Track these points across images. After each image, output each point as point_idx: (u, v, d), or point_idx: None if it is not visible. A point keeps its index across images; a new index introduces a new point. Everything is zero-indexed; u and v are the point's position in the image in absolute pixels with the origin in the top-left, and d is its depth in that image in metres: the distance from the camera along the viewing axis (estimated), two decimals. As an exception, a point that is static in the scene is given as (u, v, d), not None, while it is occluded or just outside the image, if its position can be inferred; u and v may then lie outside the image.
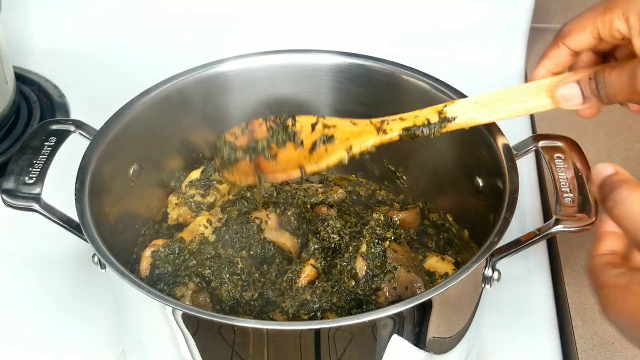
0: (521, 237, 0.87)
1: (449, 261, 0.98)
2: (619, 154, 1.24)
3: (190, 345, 0.80)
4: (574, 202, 0.86)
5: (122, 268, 0.80)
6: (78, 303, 1.07)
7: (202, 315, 0.76)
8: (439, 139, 1.00)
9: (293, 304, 0.92)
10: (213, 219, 1.02)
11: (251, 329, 0.76)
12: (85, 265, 1.05)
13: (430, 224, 1.07)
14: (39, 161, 0.91)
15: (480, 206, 0.96)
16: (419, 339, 0.83)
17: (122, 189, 0.98)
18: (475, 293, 0.89)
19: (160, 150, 1.04)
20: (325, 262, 0.96)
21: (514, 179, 0.87)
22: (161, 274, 0.95)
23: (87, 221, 0.84)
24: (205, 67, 1.03)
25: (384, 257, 0.93)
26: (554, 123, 1.28)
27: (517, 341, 1.02)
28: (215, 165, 1.06)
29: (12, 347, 1.03)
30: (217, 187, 1.05)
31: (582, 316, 1.02)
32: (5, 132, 1.30)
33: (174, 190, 1.06)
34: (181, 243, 0.98)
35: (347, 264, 0.94)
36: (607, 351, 0.98)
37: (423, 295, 0.77)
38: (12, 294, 1.09)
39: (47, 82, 1.44)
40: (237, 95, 1.06)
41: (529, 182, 1.21)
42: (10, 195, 0.88)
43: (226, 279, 0.94)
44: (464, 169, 0.99)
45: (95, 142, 0.93)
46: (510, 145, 0.92)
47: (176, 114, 1.03)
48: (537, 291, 1.07)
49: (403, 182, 1.10)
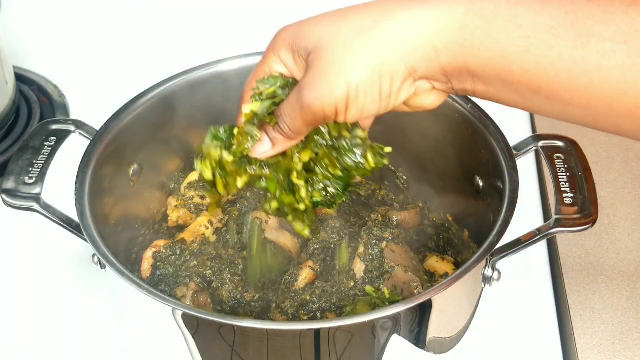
0: (521, 237, 0.87)
1: (449, 261, 0.98)
2: (619, 154, 1.24)
3: (190, 345, 0.81)
4: (573, 202, 0.86)
5: (122, 268, 0.80)
6: (78, 303, 1.07)
7: (201, 315, 0.76)
8: (439, 139, 1.00)
9: (293, 304, 0.92)
10: (214, 219, 1.02)
11: (251, 329, 0.76)
12: (85, 265, 1.04)
13: (430, 224, 1.07)
14: (39, 161, 0.91)
15: (480, 206, 0.96)
16: (419, 339, 0.83)
17: (122, 189, 0.98)
18: (475, 293, 0.89)
19: (160, 151, 1.04)
20: (324, 263, 0.96)
21: (514, 179, 0.87)
22: (162, 275, 0.95)
23: (87, 221, 0.84)
24: (205, 67, 1.03)
25: (381, 258, 0.93)
26: (554, 123, 1.28)
27: (517, 341, 1.02)
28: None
29: (12, 347, 1.03)
30: (217, 187, 1.05)
31: (582, 316, 1.02)
32: (5, 132, 1.30)
33: (173, 192, 1.06)
34: (182, 244, 0.98)
35: (345, 265, 0.94)
36: (607, 351, 0.98)
37: (423, 295, 0.77)
38: (12, 294, 1.09)
39: (47, 82, 1.43)
40: (237, 95, 1.06)
41: (529, 182, 1.21)
42: (10, 195, 0.88)
43: (227, 279, 0.94)
44: (464, 169, 0.99)
45: (95, 142, 0.93)
46: (510, 145, 0.92)
47: (176, 115, 1.03)
48: (537, 291, 1.07)
49: (403, 182, 1.10)
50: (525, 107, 0.65)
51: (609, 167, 1.22)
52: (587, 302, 1.03)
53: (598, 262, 1.08)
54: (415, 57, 0.64)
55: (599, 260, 1.08)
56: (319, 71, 0.66)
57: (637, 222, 1.13)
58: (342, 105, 0.66)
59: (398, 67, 0.64)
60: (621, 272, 1.07)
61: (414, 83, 0.66)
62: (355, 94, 0.65)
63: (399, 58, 0.64)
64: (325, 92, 0.65)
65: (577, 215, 0.85)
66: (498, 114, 0.96)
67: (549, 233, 0.85)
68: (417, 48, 0.64)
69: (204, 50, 1.20)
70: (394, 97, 0.66)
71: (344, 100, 0.65)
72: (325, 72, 0.65)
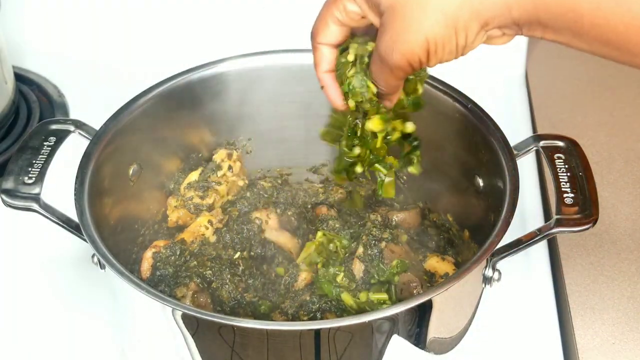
0: (522, 237, 0.87)
1: (449, 261, 0.97)
2: (619, 154, 1.24)
3: (190, 345, 0.80)
4: (574, 202, 0.86)
5: (122, 268, 0.80)
6: (78, 303, 1.07)
7: (201, 315, 0.76)
8: (439, 139, 1.00)
9: (292, 304, 0.91)
10: (214, 219, 1.02)
11: (251, 329, 0.76)
12: (85, 265, 1.04)
13: (431, 224, 1.07)
14: (38, 161, 0.91)
15: (480, 206, 0.96)
16: (419, 339, 0.83)
17: (122, 189, 0.98)
18: (476, 293, 0.89)
19: (160, 151, 1.04)
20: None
21: (514, 179, 0.87)
22: (162, 275, 0.95)
23: (87, 221, 0.84)
24: (205, 67, 1.03)
25: (380, 258, 0.93)
26: (554, 123, 1.28)
27: (518, 341, 1.02)
28: (213, 167, 1.06)
29: (12, 347, 1.02)
30: (216, 188, 1.05)
31: (582, 316, 1.01)
32: (5, 132, 1.30)
33: (173, 193, 1.06)
34: (182, 244, 0.98)
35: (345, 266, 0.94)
36: (607, 351, 0.97)
37: (423, 296, 0.77)
38: (12, 294, 1.09)
39: (46, 82, 1.43)
40: (237, 95, 1.06)
41: (529, 182, 1.21)
42: (10, 195, 0.88)
43: (227, 279, 0.94)
44: (464, 169, 0.99)
45: (94, 142, 0.93)
46: (510, 145, 0.91)
47: (175, 114, 1.03)
48: (537, 291, 1.07)
49: (403, 182, 1.10)
50: (594, 54, 0.68)
51: (609, 167, 1.22)
52: (588, 302, 1.03)
53: (599, 262, 1.08)
54: (488, 13, 0.68)
55: (599, 260, 1.08)
56: (398, 32, 0.70)
57: (637, 222, 1.13)
58: (424, 58, 0.71)
59: (472, 22, 0.68)
60: (622, 272, 1.06)
61: (486, 33, 0.71)
62: (434, 49, 0.70)
63: (471, 13, 0.68)
64: (408, 50, 0.71)
65: (577, 215, 0.85)
66: (498, 114, 0.96)
67: (550, 233, 0.85)
68: (490, 5, 0.67)
69: (204, 50, 1.19)
70: (468, 47, 0.72)
71: (425, 54, 0.71)
72: (405, 33, 0.70)
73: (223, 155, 1.06)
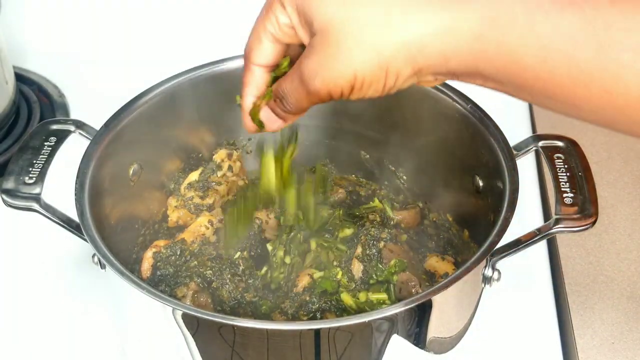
0: (521, 237, 0.87)
1: (449, 261, 0.98)
2: (619, 154, 1.24)
3: (190, 345, 0.80)
4: (573, 202, 0.86)
5: (122, 268, 0.80)
6: (78, 303, 1.07)
7: (201, 315, 0.76)
8: (439, 139, 1.00)
9: (292, 304, 0.92)
10: (214, 219, 1.02)
11: (251, 329, 0.76)
12: (86, 265, 1.04)
13: (430, 224, 1.07)
14: (39, 161, 0.91)
15: (480, 206, 0.96)
16: (419, 339, 0.83)
17: (122, 189, 0.98)
18: (475, 293, 0.89)
19: (160, 151, 1.04)
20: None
21: (514, 179, 0.87)
22: (162, 275, 0.95)
23: (87, 221, 0.84)
24: (205, 67, 1.03)
25: (379, 258, 0.93)
26: (554, 123, 1.28)
27: (517, 340, 1.02)
28: (213, 167, 1.06)
29: (12, 347, 1.03)
30: (216, 188, 1.05)
31: (582, 316, 1.02)
32: (5, 132, 1.30)
33: (173, 193, 1.06)
34: (182, 244, 0.98)
35: (344, 266, 0.94)
36: (607, 351, 0.98)
37: (423, 296, 0.77)
38: (13, 294, 1.09)
39: (47, 82, 1.43)
40: (237, 95, 1.06)
41: (529, 182, 1.21)
42: (10, 195, 0.88)
43: (227, 279, 0.94)
44: (464, 169, 0.99)
45: (95, 142, 0.93)
46: (510, 145, 0.92)
47: (176, 114, 1.03)
48: (537, 291, 1.07)
49: (403, 182, 1.10)
50: (537, 105, 0.65)
51: (609, 167, 1.22)
52: (587, 302, 1.03)
53: (598, 262, 1.08)
54: (424, 62, 0.64)
55: (599, 260, 1.08)
56: (327, 58, 0.66)
57: (637, 222, 1.13)
58: (347, 91, 0.68)
59: (405, 67, 0.65)
60: (621, 272, 1.07)
61: (418, 78, 0.67)
62: (360, 85, 0.67)
63: (407, 59, 0.64)
64: (332, 80, 0.67)
65: (577, 215, 0.85)
66: (498, 114, 0.96)
67: (549, 233, 0.85)
68: (427, 54, 0.64)
69: (205, 50, 1.19)
70: (396, 88, 0.68)
71: (349, 88, 0.67)
72: (334, 62, 0.66)
73: (223, 155, 1.07)
